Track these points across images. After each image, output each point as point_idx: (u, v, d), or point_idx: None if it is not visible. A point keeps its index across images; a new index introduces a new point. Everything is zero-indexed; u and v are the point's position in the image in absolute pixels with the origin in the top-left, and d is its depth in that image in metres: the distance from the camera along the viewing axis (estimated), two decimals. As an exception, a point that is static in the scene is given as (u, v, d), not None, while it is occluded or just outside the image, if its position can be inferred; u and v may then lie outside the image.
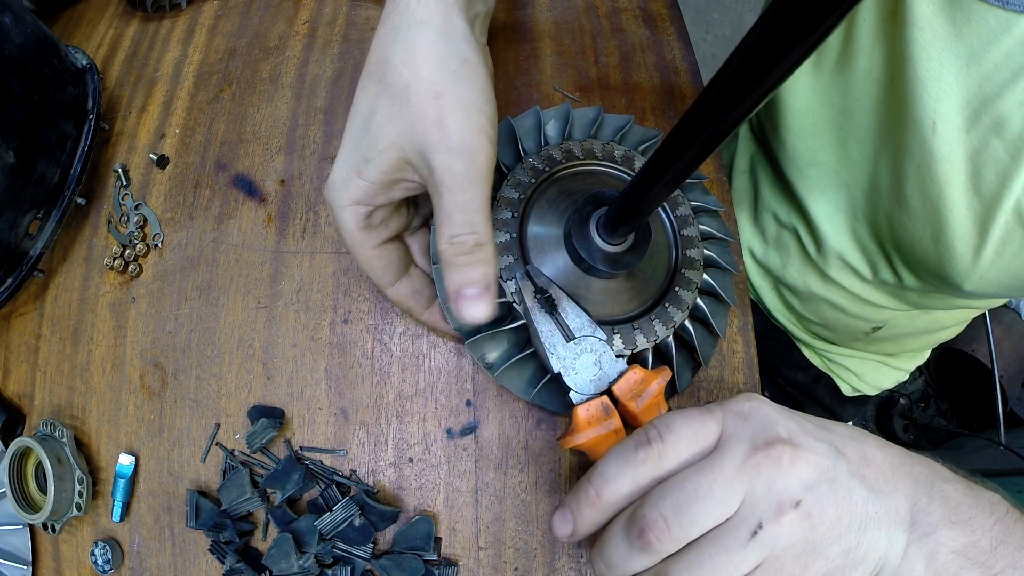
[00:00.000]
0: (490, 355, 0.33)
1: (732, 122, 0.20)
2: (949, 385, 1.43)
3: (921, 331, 0.58)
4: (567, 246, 0.32)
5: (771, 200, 0.56)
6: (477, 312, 0.28)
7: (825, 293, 0.55)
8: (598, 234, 0.31)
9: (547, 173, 0.35)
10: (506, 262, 0.32)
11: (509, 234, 0.32)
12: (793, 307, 0.59)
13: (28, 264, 0.42)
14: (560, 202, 0.34)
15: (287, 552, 0.35)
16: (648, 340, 0.33)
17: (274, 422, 0.38)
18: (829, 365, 0.65)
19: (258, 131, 0.45)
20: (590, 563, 0.36)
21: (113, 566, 0.39)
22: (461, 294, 0.28)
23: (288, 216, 0.43)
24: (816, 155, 0.48)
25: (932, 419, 1.44)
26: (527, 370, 0.34)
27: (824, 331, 0.60)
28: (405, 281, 0.34)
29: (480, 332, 0.32)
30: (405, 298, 0.34)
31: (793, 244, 0.55)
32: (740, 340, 0.39)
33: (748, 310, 0.40)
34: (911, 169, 0.38)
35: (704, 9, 1.70)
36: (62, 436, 0.40)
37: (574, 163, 0.36)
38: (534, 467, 0.37)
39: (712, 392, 0.38)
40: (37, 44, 0.41)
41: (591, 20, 0.48)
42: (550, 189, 0.35)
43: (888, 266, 0.48)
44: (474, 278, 0.28)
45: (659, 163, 0.24)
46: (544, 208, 0.34)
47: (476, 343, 0.32)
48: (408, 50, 0.28)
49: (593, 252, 0.31)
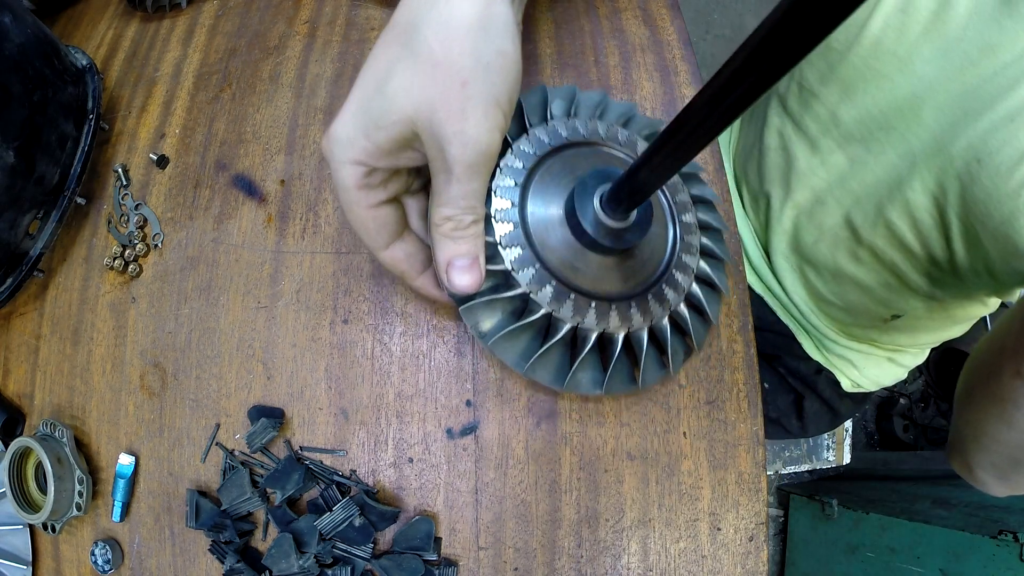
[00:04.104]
0: (484, 323, 0.32)
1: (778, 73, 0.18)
2: (949, 385, 1.43)
3: (934, 326, 0.59)
4: (568, 219, 0.32)
5: (809, 173, 0.55)
6: (467, 281, 0.29)
7: (855, 271, 0.55)
8: (602, 209, 0.30)
9: (551, 147, 0.34)
10: (505, 230, 0.31)
11: (511, 201, 0.32)
12: (815, 288, 0.59)
13: (28, 264, 0.42)
14: (563, 176, 0.34)
15: (287, 552, 0.35)
16: (644, 319, 0.33)
17: (274, 422, 0.38)
18: (830, 358, 0.65)
19: (258, 131, 0.45)
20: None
21: (113, 566, 0.39)
22: (453, 264, 0.29)
23: (288, 216, 0.43)
24: (888, 119, 0.47)
25: (932, 419, 1.44)
26: (521, 341, 0.33)
27: (842, 315, 0.60)
28: (399, 244, 0.33)
29: (475, 299, 0.31)
30: (399, 262, 0.33)
31: (831, 217, 0.54)
32: (740, 340, 0.39)
33: (748, 310, 0.40)
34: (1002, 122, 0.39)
35: (704, 9, 1.70)
36: (62, 436, 0.40)
37: (578, 140, 0.35)
38: (534, 467, 0.37)
39: (712, 392, 0.38)
40: (37, 44, 0.41)
41: (591, 20, 0.48)
42: (553, 163, 0.34)
43: (942, 237, 0.47)
44: (466, 250, 0.29)
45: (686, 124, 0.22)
46: (547, 181, 0.33)
47: (471, 310, 0.32)
48: (444, 25, 0.27)
49: (596, 226, 0.31)
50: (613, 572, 0.36)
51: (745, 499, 0.37)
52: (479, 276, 0.29)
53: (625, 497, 0.37)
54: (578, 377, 0.33)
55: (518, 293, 0.31)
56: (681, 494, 0.37)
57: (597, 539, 0.37)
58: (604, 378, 0.33)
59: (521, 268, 0.31)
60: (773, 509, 1.35)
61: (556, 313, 0.31)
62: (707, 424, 0.38)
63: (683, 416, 0.38)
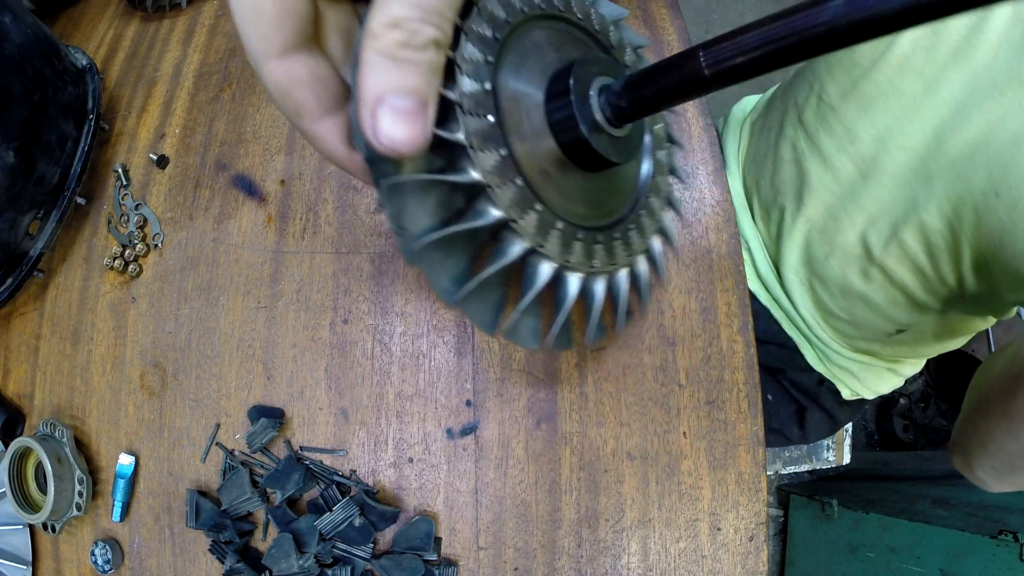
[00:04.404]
0: (411, 217, 0.21)
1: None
2: (949, 385, 1.44)
3: (936, 339, 0.59)
4: (553, 109, 0.24)
5: (822, 189, 0.55)
6: (402, 133, 0.18)
7: (864, 288, 0.55)
8: (602, 108, 0.23)
9: (525, 15, 0.25)
10: (472, 89, 0.21)
11: (482, 84, 0.22)
12: (823, 302, 0.59)
13: (28, 264, 0.42)
14: (546, 53, 0.25)
15: (287, 552, 0.35)
16: (606, 262, 0.26)
17: (274, 422, 0.38)
18: (832, 369, 0.65)
19: (258, 131, 0.45)
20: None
21: (113, 566, 0.39)
22: (387, 101, 0.18)
23: (288, 216, 0.43)
24: (907, 141, 0.47)
25: (932, 419, 1.44)
26: (458, 256, 0.23)
27: (848, 328, 0.60)
28: (303, 57, 0.21)
29: (400, 174, 0.20)
30: (296, 85, 0.21)
31: (843, 234, 0.54)
32: (740, 340, 0.39)
33: (748, 310, 0.40)
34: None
35: (704, 9, 1.70)
36: (62, 436, 0.40)
37: (556, 12, 0.27)
38: (534, 467, 0.37)
39: (712, 392, 0.39)
40: (37, 44, 0.41)
41: (591, 20, 0.48)
42: (530, 36, 0.25)
43: (953, 261, 0.48)
44: (413, 84, 0.18)
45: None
46: (524, 61, 0.25)
47: (397, 191, 0.20)
48: None
49: (590, 126, 0.23)
50: (613, 572, 0.36)
51: (745, 499, 0.37)
52: (422, 131, 0.19)
53: (625, 497, 0.37)
54: (520, 323, 0.24)
55: (470, 182, 0.21)
56: (681, 494, 0.37)
57: (597, 539, 0.37)
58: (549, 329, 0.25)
59: (484, 148, 0.21)
60: (773, 509, 1.35)
61: (515, 224, 0.21)
62: (707, 424, 0.38)
63: (683, 416, 0.38)
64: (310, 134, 0.22)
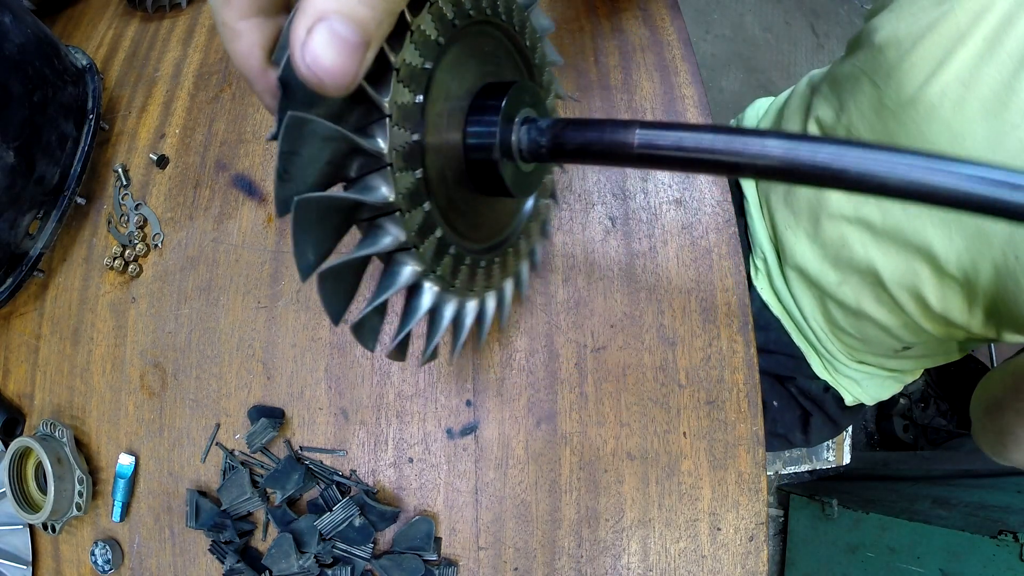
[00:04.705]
0: (299, 166, 0.19)
1: None
2: (949, 385, 1.44)
3: (943, 352, 0.61)
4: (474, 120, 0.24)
5: (840, 220, 0.55)
6: (331, 60, 0.16)
7: (875, 313, 0.55)
8: (523, 138, 0.23)
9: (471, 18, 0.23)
10: (413, 60, 0.20)
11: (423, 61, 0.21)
12: (833, 318, 0.60)
13: (28, 264, 0.42)
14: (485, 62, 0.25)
15: (287, 552, 0.35)
16: (474, 282, 0.27)
17: (274, 422, 0.38)
18: (836, 378, 0.67)
19: (258, 131, 0.45)
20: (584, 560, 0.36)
21: (113, 566, 0.39)
22: (329, 21, 0.16)
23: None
24: None
25: (932, 419, 1.44)
26: (328, 227, 0.20)
27: (856, 343, 0.62)
28: (271, 23, 0.20)
29: (309, 113, 0.18)
30: (255, 45, 0.20)
31: (858, 263, 0.55)
32: (740, 340, 0.39)
33: (748, 310, 0.40)
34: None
35: (704, 9, 1.70)
36: (62, 436, 0.40)
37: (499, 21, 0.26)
38: (534, 467, 0.37)
39: (712, 392, 0.38)
40: (37, 44, 0.41)
41: (591, 20, 0.48)
42: (477, 39, 0.25)
43: (965, 304, 0.48)
44: (363, 17, 0.16)
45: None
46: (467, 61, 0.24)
47: (297, 128, 0.18)
48: None
49: (504, 150, 0.23)
50: (613, 572, 0.36)
51: (745, 499, 0.37)
52: (353, 71, 0.16)
53: (625, 497, 0.37)
54: (366, 320, 0.23)
55: (374, 151, 0.20)
56: (681, 494, 0.37)
57: (597, 539, 0.37)
58: (393, 334, 0.25)
59: (401, 124, 0.20)
60: (773, 509, 1.35)
61: (402, 212, 0.21)
62: (707, 424, 0.38)
63: (683, 416, 0.38)
64: (231, 28, 0.19)
